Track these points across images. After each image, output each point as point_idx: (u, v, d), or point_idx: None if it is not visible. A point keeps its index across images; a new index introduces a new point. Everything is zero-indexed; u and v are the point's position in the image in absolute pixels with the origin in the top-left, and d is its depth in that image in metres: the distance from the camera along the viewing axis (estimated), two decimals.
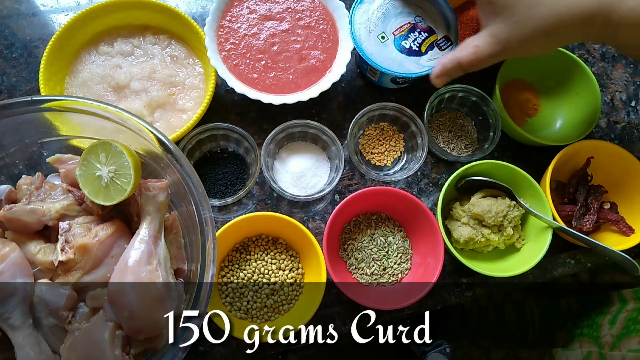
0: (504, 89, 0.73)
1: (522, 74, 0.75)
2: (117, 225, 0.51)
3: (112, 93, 0.67)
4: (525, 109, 0.74)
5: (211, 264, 0.46)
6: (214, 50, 0.65)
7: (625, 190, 0.68)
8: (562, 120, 0.73)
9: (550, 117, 0.74)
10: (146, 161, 0.54)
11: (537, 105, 0.75)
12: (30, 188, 0.53)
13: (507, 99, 0.73)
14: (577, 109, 0.71)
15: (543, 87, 0.75)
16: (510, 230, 0.64)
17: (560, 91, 0.73)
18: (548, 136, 0.72)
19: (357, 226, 0.67)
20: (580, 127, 0.69)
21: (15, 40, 0.73)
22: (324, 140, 0.67)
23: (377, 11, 0.67)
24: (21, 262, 0.48)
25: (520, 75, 0.75)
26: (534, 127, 0.74)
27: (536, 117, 0.74)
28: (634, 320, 0.62)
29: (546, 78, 0.74)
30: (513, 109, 0.73)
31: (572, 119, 0.72)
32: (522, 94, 0.75)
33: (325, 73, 0.68)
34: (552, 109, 0.74)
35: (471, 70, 0.57)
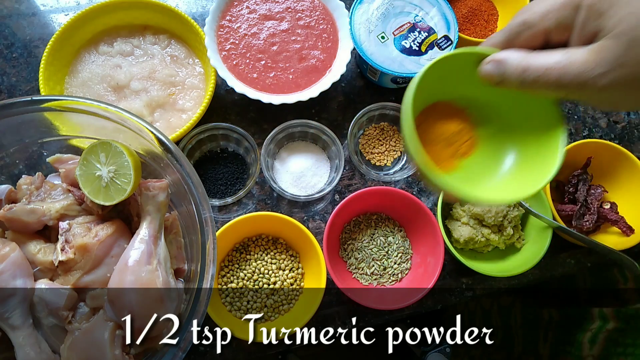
0: (420, 117, 0.46)
1: (447, 92, 0.46)
2: (117, 225, 0.51)
3: (112, 93, 0.67)
4: (453, 146, 0.48)
5: (211, 263, 0.46)
6: (213, 50, 0.65)
7: (625, 191, 0.68)
8: (511, 162, 0.46)
9: (493, 157, 0.47)
10: (146, 161, 0.54)
11: (473, 140, 0.48)
12: (30, 188, 0.53)
13: (425, 131, 0.46)
14: (530, 143, 0.45)
15: (482, 113, 0.47)
16: (510, 230, 0.64)
17: (508, 119, 0.46)
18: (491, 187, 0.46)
19: (357, 226, 0.67)
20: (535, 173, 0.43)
21: (15, 40, 0.73)
22: (324, 140, 0.67)
23: (377, 11, 0.67)
24: (21, 262, 0.48)
25: (444, 95, 0.46)
26: (467, 173, 0.47)
27: (471, 158, 0.47)
28: (615, 341, 0.61)
29: (487, 99, 0.45)
30: (434, 147, 0.46)
31: (524, 160, 0.45)
32: (449, 124, 0.47)
33: (325, 73, 0.68)
34: (495, 145, 0.47)
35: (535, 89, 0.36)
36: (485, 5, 0.76)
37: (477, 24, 0.75)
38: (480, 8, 0.75)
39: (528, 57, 0.36)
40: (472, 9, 0.74)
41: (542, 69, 0.35)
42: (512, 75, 0.37)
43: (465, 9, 0.74)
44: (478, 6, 0.75)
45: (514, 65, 0.36)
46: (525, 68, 0.36)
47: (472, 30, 0.74)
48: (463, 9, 0.74)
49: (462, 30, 0.73)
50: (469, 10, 0.74)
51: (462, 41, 0.69)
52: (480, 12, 0.75)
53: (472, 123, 0.47)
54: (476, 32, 0.74)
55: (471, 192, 0.42)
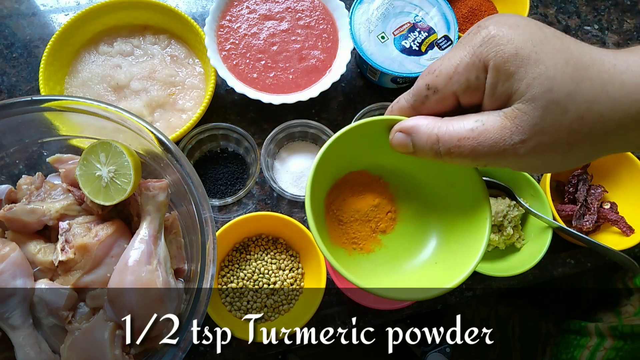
0: (333, 193, 0.41)
1: (359, 163, 0.41)
2: (117, 225, 0.51)
3: (112, 93, 0.67)
4: (372, 222, 0.42)
5: (211, 263, 0.46)
6: (213, 50, 0.65)
7: (625, 190, 0.68)
8: (436, 243, 0.41)
9: (415, 236, 0.42)
10: (146, 161, 0.54)
11: (394, 213, 0.42)
12: (30, 188, 0.53)
13: (339, 209, 0.41)
14: (458, 222, 0.40)
15: (402, 184, 0.42)
16: (510, 230, 0.64)
17: (430, 190, 0.41)
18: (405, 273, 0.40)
19: None
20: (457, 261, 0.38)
21: (15, 40, 0.73)
22: (324, 140, 0.67)
23: (377, 11, 0.67)
24: (21, 262, 0.48)
25: (357, 165, 0.41)
26: (391, 254, 0.41)
27: (392, 235, 0.42)
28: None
29: (404, 167, 0.41)
30: (353, 224, 0.41)
31: (450, 244, 0.40)
32: (365, 197, 0.42)
33: (325, 73, 0.68)
34: (420, 222, 0.42)
35: (452, 160, 0.32)
36: (485, 5, 0.76)
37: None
38: (480, 8, 0.75)
39: (438, 126, 0.32)
40: (472, 9, 0.74)
41: (455, 140, 0.31)
42: (424, 147, 0.33)
43: (465, 9, 0.74)
44: (478, 6, 0.75)
45: (425, 136, 0.33)
46: (436, 139, 0.32)
47: None
48: (463, 9, 0.74)
49: (462, 30, 0.73)
50: (469, 10, 0.74)
51: None
52: (480, 12, 0.75)
53: (391, 195, 0.42)
54: None
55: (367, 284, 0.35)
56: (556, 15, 0.80)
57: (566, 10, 0.81)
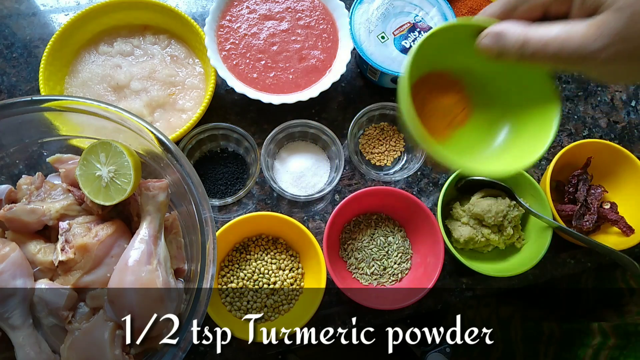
0: (415, 88, 0.46)
1: (443, 62, 0.45)
2: (117, 225, 0.51)
3: (112, 93, 0.67)
4: (448, 117, 0.48)
5: (211, 263, 0.46)
6: (213, 50, 0.65)
7: (625, 190, 0.68)
8: (507, 133, 0.47)
9: (487, 129, 0.47)
10: (146, 161, 0.54)
11: (468, 111, 0.48)
12: (30, 188, 0.53)
13: (421, 103, 0.46)
14: (525, 116, 0.45)
15: (477, 84, 0.47)
16: (510, 230, 0.64)
17: (503, 90, 0.46)
18: (483, 157, 0.47)
19: (357, 226, 0.67)
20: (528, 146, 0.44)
21: (15, 40, 0.73)
22: (324, 140, 0.67)
23: (377, 11, 0.67)
24: (21, 262, 0.48)
25: (441, 64, 0.46)
26: (462, 144, 0.47)
27: (466, 128, 0.48)
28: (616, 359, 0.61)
29: (483, 69, 0.45)
30: (430, 119, 0.46)
31: (522, 133, 0.45)
32: (444, 96, 0.48)
33: (325, 73, 0.68)
34: (492, 116, 0.47)
35: (534, 62, 0.36)
36: (485, 5, 0.76)
37: None
38: (480, 8, 0.75)
39: (527, 29, 0.35)
40: (472, 9, 0.74)
41: (542, 42, 0.34)
42: (511, 49, 0.36)
43: (465, 9, 0.74)
44: (478, 6, 0.75)
45: (513, 39, 0.36)
46: (524, 41, 0.35)
47: None
48: (463, 9, 0.74)
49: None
50: (469, 10, 0.74)
51: None
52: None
53: (467, 94, 0.47)
54: None
55: (464, 163, 0.43)
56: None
57: None
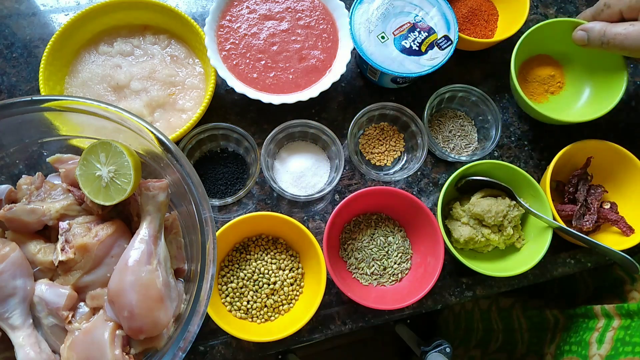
0: (526, 64, 0.73)
1: (548, 48, 0.72)
2: (117, 225, 0.51)
3: (112, 93, 0.67)
4: (547, 86, 0.73)
5: (211, 263, 0.46)
6: (213, 50, 0.65)
7: (625, 190, 0.68)
8: (586, 97, 0.72)
9: (574, 94, 0.73)
10: (146, 161, 0.54)
11: (562, 83, 0.73)
12: (30, 188, 0.53)
13: (527, 74, 0.73)
14: (602, 85, 0.70)
15: (570, 64, 0.73)
16: (510, 230, 0.64)
17: (587, 67, 0.71)
18: (570, 114, 0.71)
19: (357, 226, 0.67)
20: (602, 103, 0.67)
21: (15, 40, 0.73)
22: (324, 140, 0.67)
23: (377, 11, 0.67)
24: (21, 262, 0.48)
25: (547, 50, 0.73)
26: (556, 105, 0.73)
27: (559, 95, 0.73)
28: (622, 341, 0.61)
29: (575, 54, 0.71)
30: (534, 86, 0.73)
31: (596, 96, 0.70)
32: (545, 70, 0.73)
33: (325, 73, 0.68)
34: (577, 86, 0.73)
35: (609, 49, 0.59)
36: (485, 5, 0.76)
37: (477, 24, 0.75)
38: (480, 8, 0.75)
39: (606, 27, 0.59)
40: (472, 9, 0.74)
41: (612, 34, 0.58)
42: (595, 39, 0.61)
43: (465, 9, 0.74)
44: (478, 6, 0.75)
45: (597, 32, 0.60)
46: (602, 34, 0.59)
47: (472, 30, 0.74)
48: (463, 9, 0.74)
49: (462, 30, 0.73)
50: (469, 10, 0.74)
51: (462, 41, 0.69)
52: (480, 12, 0.75)
53: (563, 72, 0.74)
54: (476, 32, 0.74)
55: (558, 117, 0.66)
56: (556, 15, 0.80)
57: (566, 10, 0.81)
